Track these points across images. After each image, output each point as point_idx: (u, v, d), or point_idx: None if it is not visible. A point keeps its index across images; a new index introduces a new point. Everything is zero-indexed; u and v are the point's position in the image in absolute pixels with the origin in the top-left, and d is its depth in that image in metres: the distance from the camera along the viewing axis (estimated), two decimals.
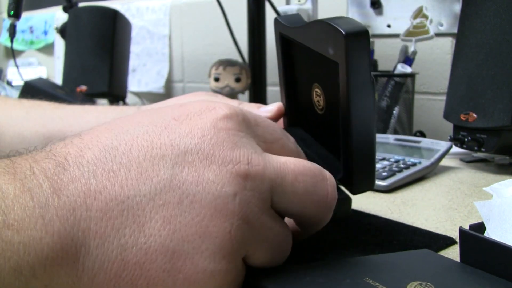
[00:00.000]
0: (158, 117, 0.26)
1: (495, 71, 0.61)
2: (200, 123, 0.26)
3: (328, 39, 0.33)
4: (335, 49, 0.32)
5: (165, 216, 0.22)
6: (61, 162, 0.22)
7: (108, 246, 0.21)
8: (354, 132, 0.34)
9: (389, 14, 0.98)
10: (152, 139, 0.24)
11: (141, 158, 0.23)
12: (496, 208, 0.30)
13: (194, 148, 0.24)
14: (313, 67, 0.39)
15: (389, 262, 0.29)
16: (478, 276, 0.28)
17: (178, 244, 0.22)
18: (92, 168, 0.22)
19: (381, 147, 0.71)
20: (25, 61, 1.83)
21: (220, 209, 0.23)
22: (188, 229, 0.23)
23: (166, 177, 0.23)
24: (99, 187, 0.22)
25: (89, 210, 0.21)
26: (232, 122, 0.26)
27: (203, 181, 0.23)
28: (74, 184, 0.22)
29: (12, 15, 0.99)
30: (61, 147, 0.24)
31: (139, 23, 1.48)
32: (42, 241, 0.20)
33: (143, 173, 0.23)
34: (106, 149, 0.23)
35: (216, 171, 0.24)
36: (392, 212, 0.48)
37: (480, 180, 0.61)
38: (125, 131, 0.25)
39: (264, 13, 1.02)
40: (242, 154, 0.25)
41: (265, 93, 1.05)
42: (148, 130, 0.25)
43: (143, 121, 0.26)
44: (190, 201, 0.23)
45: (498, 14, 0.61)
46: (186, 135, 0.25)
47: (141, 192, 0.22)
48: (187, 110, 0.27)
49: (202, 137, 0.25)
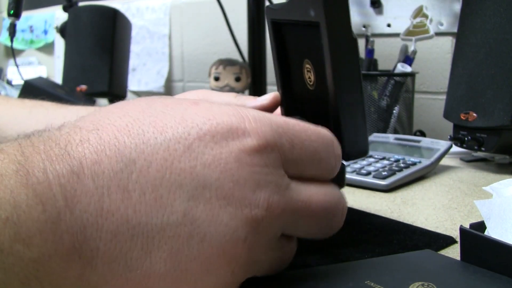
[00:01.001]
0: (183, 129, 0.24)
1: (495, 70, 0.61)
2: (225, 152, 0.24)
3: (308, 2, 0.33)
4: (315, 9, 0.33)
5: (172, 248, 0.22)
6: (76, 168, 0.21)
7: (114, 266, 0.21)
8: (339, 93, 0.33)
9: (389, 13, 0.98)
10: (172, 160, 0.23)
11: (157, 182, 0.22)
12: (496, 207, 0.30)
13: (214, 184, 0.23)
14: (302, 43, 0.39)
15: (391, 263, 0.30)
16: (480, 274, 0.28)
17: (181, 274, 0.22)
18: (107, 183, 0.21)
19: (381, 146, 0.71)
20: (25, 60, 1.83)
21: (228, 252, 0.23)
22: (193, 264, 0.23)
23: (180, 210, 0.22)
24: (112, 208, 0.21)
25: (99, 230, 0.21)
26: (259, 157, 0.24)
27: (216, 222, 0.23)
28: (87, 199, 0.21)
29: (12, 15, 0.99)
30: (76, 145, 0.22)
31: (139, 23, 1.48)
32: (51, 259, 0.20)
33: (157, 200, 0.22)
34: (123, 160, 0.22)
35: (232, 215, 0.23)
36: (392, 211, 0.48)
37: (480, 180, 0.61)
38: (146, 140, 0.23)
39: (264, 13, 1.02)
40: (263, 197, 0.24)
41: (265, 92, 1.04)
42: (169, 146, 0.23)
43: (166, 130, 0.24)
44: (200, 239, 0.23)
45: (498, 14, 0.61)
46: (208, 165, 0.23)
47: (153, 220, 0.22)
48: (214, 128, 0.24)
49: (225, 171, 0.23)
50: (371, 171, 0.59)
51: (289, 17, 0.39)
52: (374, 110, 0.81)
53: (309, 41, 0.38)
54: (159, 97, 0.27)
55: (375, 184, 0.55)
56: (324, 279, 0.27)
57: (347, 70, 0.33)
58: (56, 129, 0.24)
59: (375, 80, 0.81)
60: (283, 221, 0.25)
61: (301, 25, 0.38)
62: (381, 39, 0.98)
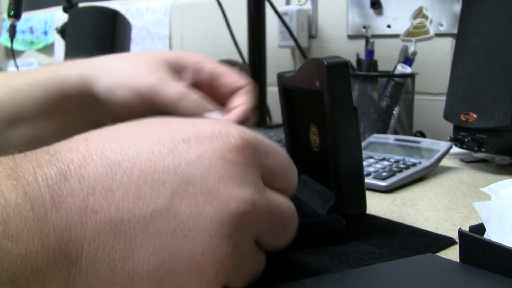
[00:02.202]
0: (168, 135, 0.25)
1: (495, 71, 0.61)
2: (209, 150, 0.24)
3: (314, 73, 0.38)
4: (320, 80, 0.37)
5: (156, 245, 0.22)
6: (63, 171, 0.22)
7: (97, 267, 0.21)
8: (340, 158, 0.37)
9: (389, 14, 0.98)
10: (156, 160, 0.23)
11: (141, 180, 0.23)
12: (495, 209, 0.30)
13: (198, 180, 0.23)
14: (309, 109, 0.44)
15: (393, 270, 0.30)
16: (481, 276, 0.28)
17: (165, 273, 0.22)
18: (92, 184, 0.22)
19: (381, 147, 0.71)
20: (25, 61, 1.83)
21: (213, 249, 0.23)
22: (177, 262, 0.23)
23: (163, 206, 0.22)
24: (96, 206, 0.22)
25: (83, 229, 0.21)
26: (242, 156, 0.25)
27: (201, 217, 0.23)
28: (73, 199, 0.21)
29: (12, 16, 0.99)
30: (65, 152, 0.23)
31: (139, 24, 1.48)
32: (38, 256, 0.20)
33: (141, 197, 0.22)
34: (108, 163, 0.23)
35: (217, 209, 0.23)
36: (392, 212, 0.48)
37: (480, 181, 0.61)
38: (131, 145, 0.24)
39: (264, 13, 1.02)
40: (248, 194, 0.24)
41: (265, 93, 1.05)
42: (154, 149, 0.24)
43: (151, 138, 0.25)
44: (184, 236, 0.23)
45: (498, 14, 0.61)
46: (192, 163, 0.24)
47: (136, 218, 0.22)
48: (197, 132, 0.25)
49: (209, 168, 0.24)
50: (371, 172, 0.59)
51: (297, 85, 0.44)
52: (374, 111, 0.81)
53: (314, 107, 0.42)
54: (147, 118, 0.28)
55: (375, 185, 0.55)
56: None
57: (348, 136, 0.37)
58: (47, 147, 0.25)
59: (375, 81, 0.81)
60: (262, 222, 0.26)
61: (308, 92, 0.42)
62: (381, 40, 0.98)
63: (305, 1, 1.12)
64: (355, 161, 0.38)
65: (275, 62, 1.16)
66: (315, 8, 1.11)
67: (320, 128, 0.42)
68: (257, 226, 0.25)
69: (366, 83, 0.81)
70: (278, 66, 1.17)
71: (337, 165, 0.37)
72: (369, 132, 0.80)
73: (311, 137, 0.44)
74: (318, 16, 1.11)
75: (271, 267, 0.34)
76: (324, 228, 0.38)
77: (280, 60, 1.18)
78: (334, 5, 1.07)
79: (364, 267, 0.32)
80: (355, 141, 0.37)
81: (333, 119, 0.37)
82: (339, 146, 0.37)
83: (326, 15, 1.10)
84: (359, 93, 0.82)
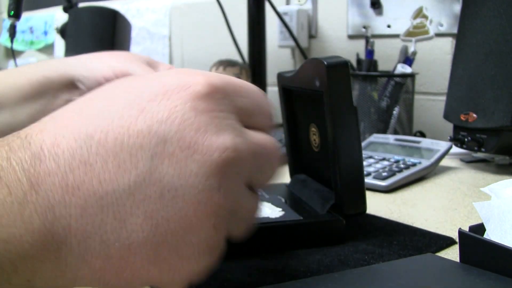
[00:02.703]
0: (134, 96, 0.24)
1: (495, 71, 0.61)
2: (179, 104, 0.23)
3: (314, 73, 0.38)
4: (320, 80, 0.37)
5: (146, 211, 0.22)
6: (37, 153, 0.22)
7: (90, 243, 0.21)
8: (340, 157, 0.37)
9: (389, 14, 0.98)
10: (128, 125, 0.23)
11: (117, 148, 0.22)
12: (495, 209, 0.30)
13: (174, 136, 0.23)
14: (309, 109, 0.44)
15: (393, 270, 0.30)
16: (481, 276, 0.28)
17: (162, 237, 0.22)
18: (68, 161, 0.22)
19: (381, 147, 0.71)
20: (25, 61, 1.83)
21: (204, 203, 0.23)
22: (171, 223, 0.22)
23: (145, 170, 0.22)
24: (76, 182, 0.21)
25: (68, 207, 0.21)
26: (213, 102, 0.24)
27: (185, 174, 0.22)
28: (51, 178, 0.21)
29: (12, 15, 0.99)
30: (36, 134, 0.23)
31: (139, 24, 1.48)
32: (22, 239, 0.20)
33: (121, 165, 0.22)
34: (81, 137, 0.22)
35: (200, 162, 0.23)
36: (392, 212, 0.48)
37: (480, 181, 0.61)
38: (100, 114, 0.23)
39: (264, 13, 1.02)
40: (228, 139, 0.24)
41: (265, 93, 1.04)
42: (123, 114, 0.23)
43: (118, 101, 0.24)
44: (172, 196, 0.22)
45: (498, 14, 0.61)
46: (165, 121, 0.23)
47: (119, 187, 0.22)
48: (163, 87, 0.24)
49: (183, 122, 0.23)
50: (371, 172, 0.59)
51: (297, 85, 0.44)
52: (374, 111, 0.81)
53: (314, 107, 0.42)
54: (113, 82, 0.27)
55: (375, 185, 0.55)
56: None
57: (348, 136, 0.37)
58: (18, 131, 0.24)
59: (375, 81, 0.81)
60: (248, 163, 0.25)
61: (308, 92, 0.42)
62: (381, 40, 0.98)
63: (305, 1, 1.12)
64: (355, 161, 0.38)
65: (275, 62, 1.16)
66: (315, 8, 1.11)
67: (320, 128, 0.42)
68: (243, 169, 0.25)
69: (366, 83, 0.81)
70: (278, 66, 1.17)
71: (337, 165, 0.37)
72: (369, 132, 0.80)
73: (311, 137, 0.44)
74: (318, 16, 1.11)
75: (271, 267, 0.34)
76: (324, 228, 0.38)
77: (280, 60, 1.18)
78: (334, 5, 1.07)
79: (364, 267, 0.32)
80: (355, 141, 0.37)
81: (333, 119, 0.37)
82: (339, 146, 0.37)
83: (326, 15, 1.10)
84: (359, 93, 0.82)
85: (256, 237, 0.31)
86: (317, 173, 0.45)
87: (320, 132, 0.42)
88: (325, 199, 0.40)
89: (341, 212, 0.39)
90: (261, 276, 0.32)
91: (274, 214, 0.39)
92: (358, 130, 0.38)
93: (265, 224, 0.37)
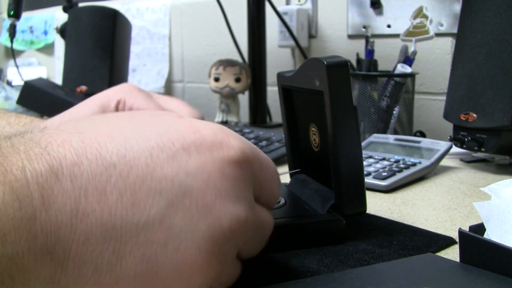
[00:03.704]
0: (168, 139, 0.24)
1: (495, 71, 0.61)
2: (209, 163, 0.24)
3: (314, 73, 0.38)
4: (320, 79, 0.37)
5: (145, 254, 0.22)
6: (55, 168, 0.21)
7: (83, 269, 0.21)
8: (340, 157, 0.37)
9: (389, 14, 0.98)
10: (154, 167, 0.23)
11: (137, 187, 0.22)
12: (495, 209, 0.30)
13: (195, 193, 0.23)
14: (309, 109, 0.44)
15: (393, 269, 0.30)
16: (481, 276, 0.28)
17: (151, 279, 0.22)
18: (85, 185, 0.21)
19: (381, 147, 0.71)
20: (25, 61, 1.83)
21: (201, 264, 0.23)
22: (164, 270, 0.22)
23: (157, 216, 0.22)
24: (87, 209, 0.21)
25: (73, 232, 0.21)
26: (240, 171, 0.25)
27: (193, 231, 0.23)
28: (64, 199, 0.21)
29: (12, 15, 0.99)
30: (57, 145, 0.22)
31: (139, 23, 1.48)
32: (24, 257, 0.20)
33: (135, 204, 0.22)
34: (104, 164, 0.22)
35: (211, 224, 0.23)
36: (392, 212, 0.48)
37: (480, 180, 0.61)
38: (128, 146, 0.23)
39: (264, 13, 1.02)
40: (242, 211, 0.24)
41: (265, 93, 1.05)
42: (152, 153, 0.23)
43: (150, 138, 0.24)
44: (174, 247, 0.22)
45: (498, 14, 0.61)
46: (191, 174, 0.23)
47: (128, 224, 0.21)
48: (199, 139, 0.24)
49: (207, 181, 0.23)
50: (371, 171, 0.59)
51: (297, 85, 0.44)
52: (374, 111, 0.81)
53: (314, 107, 0.42)
54: (142, 110, 0.28)
55: (375, 185, 0.55)
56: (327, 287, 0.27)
57: (348, 136, 0.37)
58: (39, 131, 0.24)
59: (375, 81, 0.81)
60: (247, 236, 0.26)
61: (308, 92, 0.42)
62: (381, 40, 0.98)
63: (305, 1, 1.12)
64: (355, 161, 0.38)
65: (275, 62, 1.16)
66: (315, 8, 1.11)
67: (320, 128, 0.42)
68: (242, 240, 0.26)
69: (366, 83, 0.81)
70: (278, 66, 1.17)
71: (337, 165, 0.37)
72: (369, 132, 0.80)
73: (311, 137, 0.44)
74: (318, 16, 1.11)
75: (271, 267, 0.34)
76: (324, 228, 0.38)
77: (280, 60, 1.18)
78: (334, 5, 1.07)
79: (364, 267, 0.32)
80: (355, 141, 0.37)
81: (333, 119, 0.37)
82: (339, 146, 0.37)
83: (326, 15, 1.10)
84: (359, 93, 0.82)
85: None
86: (317, 173, 0.45)
87: (320, 132, 0.42)
88: (325, 199, 0.40)
89: (341, 212, 0.39)
90: (261, 276, 0.32)
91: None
92: (358, 130, 0.38)
93: None
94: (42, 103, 0.96)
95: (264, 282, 0.31)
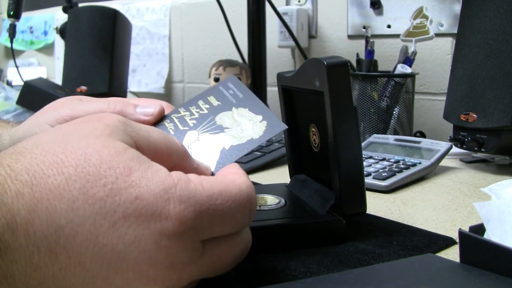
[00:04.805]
0: (110, 204, 0.25)
1: (495, 71, 0.61)
2: (146, 234, 0.25)
3: (314, 73, 0.38)
4: (320, 80, 0.37)
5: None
6: (11, 224, 0.23)
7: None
8: (340, 157, 0.37)
9: (389, 14, 0.98)
10: (96, 235, 0.25)
11: (82, 250, 0.24)
12: (495, 209, 0.30)
13: (132, 261, 0.25)
14: (309, 109, 0.44)
15: (394, 270, 0.30)
16: (481, 276, 0.28)
17: None
18: (37, 243, 0.24)
19: (381, 147, 0.71)
20: (25, 61, 1.83)
21: None
22: None
23: (100, 276, 0.25)
24: (40, 263, 0.24)
25: (26, 282, 0.23)
26: (177, 241, 0.26)
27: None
28: (19, 253, 0.23)
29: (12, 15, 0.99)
30: (12, 197, 0.24)
31: (139, 24, 1.48)
32: None
33: (81, 264, 0.24)
34: (53, 225, 0.24)
35: (145, 287, 0.26)
36: (392, 212, 0.48)
37: (480, 181, 0.61)
38: (75, 208, 0.25)
39: (264, 13, 1.02)
40: (176, 276, 0.26)
41: (265, 93, 1.05)
42: (96, 220, 0.25)
43: (95, 200, 0.25)
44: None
45: (498, 14, 0.61)
46: (129, 245, 0.25)
47: (76, 279, 0.24)
48: (139, 210, 0.25)
49: (143, 252, 0.25)
50: (371, 172, 0.59)
51: (297, 85, 0.44)
52: (374, 111, 0.81)
53: (314, 107, 0.42)
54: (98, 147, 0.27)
55: (375, 185, 0.55)
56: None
57: (348, 136, 0.37)
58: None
59: (375, 81, 0.81)
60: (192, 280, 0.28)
61: (308, 93, 0.42)
62: (381, 40, 0.98)
63: (305, 1, 1.12)
64: (355, 161, 0.38)
65: (275, 62, 1.16)
66: (315, 8, 1.11)
67: (320, 128, 0.42)
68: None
69: (366, 83, 0.81)
70: (278, 66, 1.17)
71: (337, 165, 0.37)
72: (369, 132, 0.80)
73: (311, 137, 0.44)
74: (318, 16, 1.11)
75: (271, 267, 0.34)
76: (324, 228, 0.38)
77: (280, 60, 1.18)
78: (334, 5, 1.07)
79: (364, 267, 0.32)
80: (355, 141, 0.37)
81: (333, 119, 0.37)
82: (339, 146, 0.37)
83: (326, 15, 1.10)
84: (359, 93, 0.82)
85: (256, 237, 0.31)
86: (317, 173, 0.45)
87: (320, 132, 0.42)
88: (325, 199, 0.40)
89: (341, 212, 0.39)
90: (261, 276, 0.32)
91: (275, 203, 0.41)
92: (358, 130, 0.38)
93: (265, 224, 0.37)
94: (42, 103, 0.96)
95: (264, 282, 0.30)
